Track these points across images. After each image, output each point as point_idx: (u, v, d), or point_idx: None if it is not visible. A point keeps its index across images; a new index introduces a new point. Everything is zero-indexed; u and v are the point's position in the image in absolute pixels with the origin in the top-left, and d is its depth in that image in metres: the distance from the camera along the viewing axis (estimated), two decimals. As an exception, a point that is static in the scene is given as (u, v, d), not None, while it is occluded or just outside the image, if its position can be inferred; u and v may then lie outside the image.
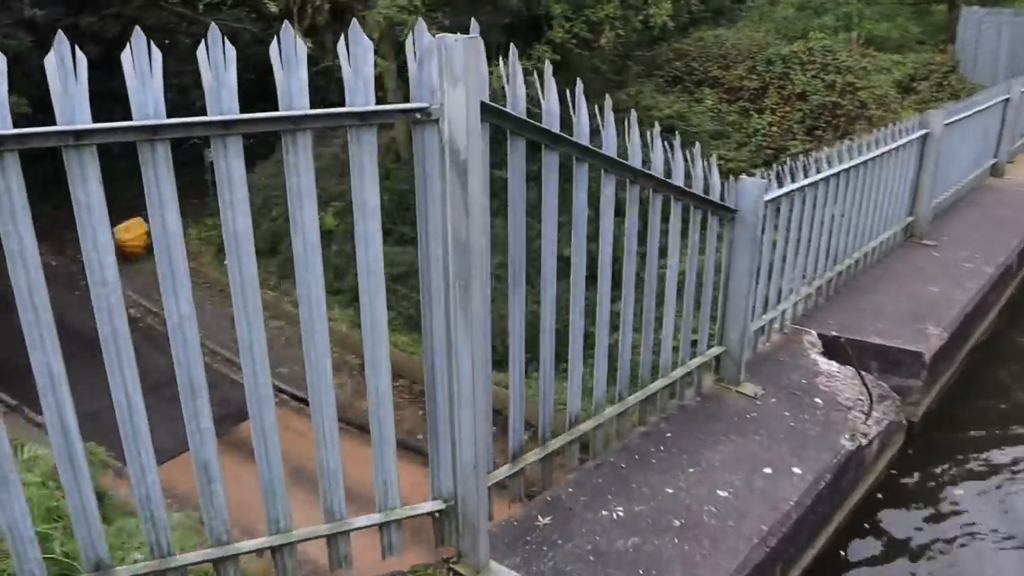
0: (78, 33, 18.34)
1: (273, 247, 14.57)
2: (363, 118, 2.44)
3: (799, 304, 5.33)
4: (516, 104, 2.84)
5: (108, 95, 4.09)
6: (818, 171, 5.16)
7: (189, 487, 2.75)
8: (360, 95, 2.44)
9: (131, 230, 16.08)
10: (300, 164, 2.43)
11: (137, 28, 2.17)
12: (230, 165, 2.35)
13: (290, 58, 2.33)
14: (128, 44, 2.16)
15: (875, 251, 6.46)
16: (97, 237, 2.27)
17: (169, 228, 2.35)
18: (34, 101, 1.99)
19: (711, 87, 17.46)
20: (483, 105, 2.58)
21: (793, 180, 4.86)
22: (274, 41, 2.31)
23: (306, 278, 2.55)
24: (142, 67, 2.19)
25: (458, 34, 2.43)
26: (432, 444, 2.90)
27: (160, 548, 2.64)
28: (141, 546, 3.36)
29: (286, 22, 2.37)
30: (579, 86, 3.12)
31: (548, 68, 2.95)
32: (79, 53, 2.14)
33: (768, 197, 4.49)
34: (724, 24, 20.59)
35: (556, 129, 3.02)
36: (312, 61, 2.38)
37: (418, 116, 2.49)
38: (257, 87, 4.26)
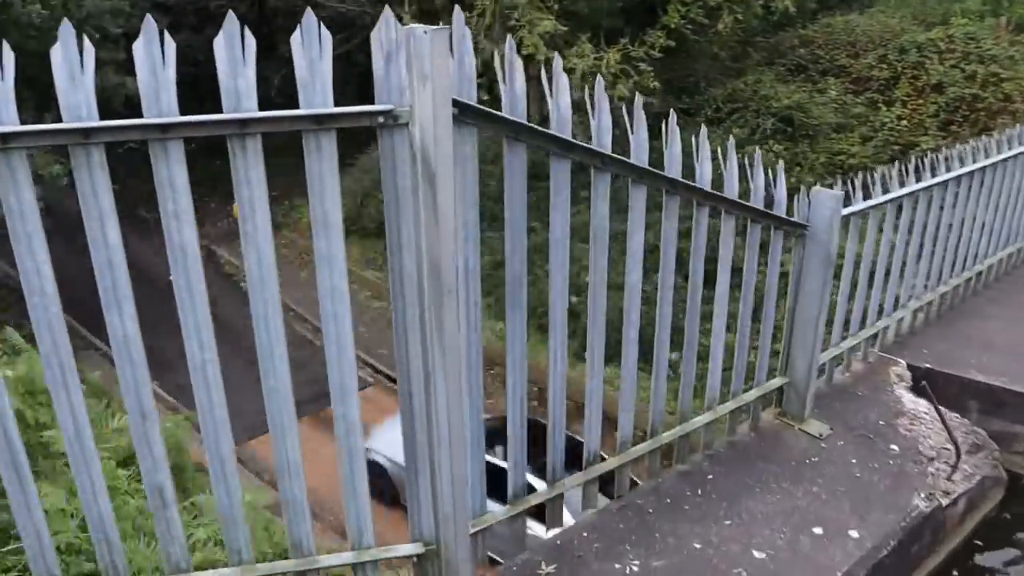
0: (208, 16, 19.13)
1: (379, 229, 14.80)
2: (320, 122, 2.16)
3: (889, 329, 4.70)
4: (514, 104, 2.49)
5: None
6: (918, 180, 4.51)
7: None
8: (317, 95, 2.16)
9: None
10: (251, 172, 2.18)
11: (65, 21, 1.97)
12: (172, 172, 2.13)
13: (236, 54, 2.08)
14: (58, 39, 1.97)
15: (992, 270, 5.66)
16: (32, 245, 2.11)
17: (109, 239, 2.15)
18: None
19: (836, 76, 16.25)
20: (462, 105, 2.25)
21: (885, 191, 4.26)
22: (219, 34, 2.07)
23: (262, 295, 2.31)
24: (72, 64, 1.99)
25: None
26: (410, 481, 2.62)
27: (116, 570, 2.49)
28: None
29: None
30: (600, 82, 2.73)
31: (558, 61, 2.57)
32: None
33: (849, 211, 3.93)
34: (856, 9, 19.11)
35: (568, 134, 2.64)
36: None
37: (382, 120, 2.19)
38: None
